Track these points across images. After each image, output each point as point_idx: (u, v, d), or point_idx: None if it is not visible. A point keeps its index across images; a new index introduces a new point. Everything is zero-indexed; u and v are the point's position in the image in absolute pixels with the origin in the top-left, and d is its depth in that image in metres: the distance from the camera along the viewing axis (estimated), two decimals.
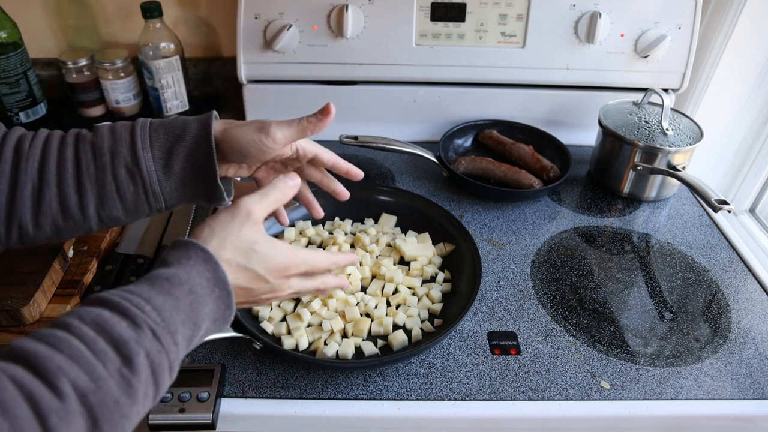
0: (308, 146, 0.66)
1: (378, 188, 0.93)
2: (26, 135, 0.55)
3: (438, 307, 0.76)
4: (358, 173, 0.69)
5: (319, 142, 1.15)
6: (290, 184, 0.57)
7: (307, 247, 0.86)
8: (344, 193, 0.71)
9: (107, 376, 0.38)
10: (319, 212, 0.72)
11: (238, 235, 0.51)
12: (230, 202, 0.60)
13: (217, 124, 0.57)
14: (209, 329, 0.48)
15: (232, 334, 0.67)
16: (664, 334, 0.76)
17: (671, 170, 0.96)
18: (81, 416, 0.36)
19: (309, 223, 0.89)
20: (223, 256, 0.49)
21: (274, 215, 0.70)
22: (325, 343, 0.70)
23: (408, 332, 0.73)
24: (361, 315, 0.74)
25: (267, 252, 0.52)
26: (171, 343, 0.43)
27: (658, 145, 0.96)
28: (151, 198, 0.55)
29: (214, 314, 0.48)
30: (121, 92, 1.12)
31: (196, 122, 0.56)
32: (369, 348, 0.70)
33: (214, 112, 0.57)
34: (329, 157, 0.67)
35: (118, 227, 0.84)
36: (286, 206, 0.86)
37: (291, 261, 0.54)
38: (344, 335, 0.73)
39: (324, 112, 0.58)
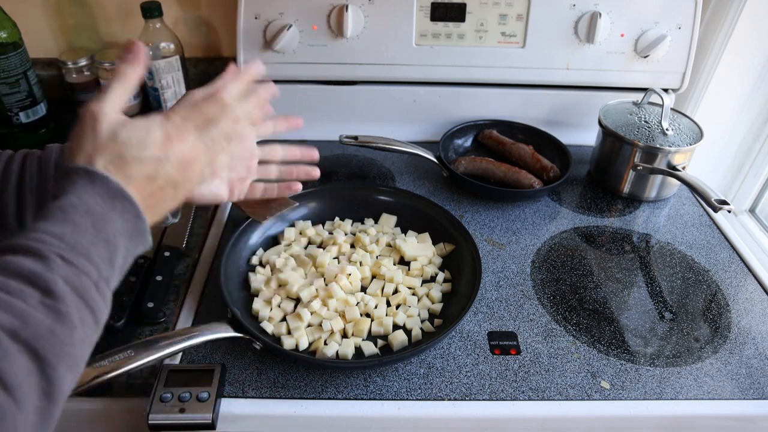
0: (274, 152, 0.65)
1: (378, 188, 0.93)
2: None
3: (438, 307, 0.76)
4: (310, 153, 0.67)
5: (320, 141, 1.16)
6: (131, 69, 0.52)
7: (306, 247, 0.86)
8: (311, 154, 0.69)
9: (31, 310, 0.37)
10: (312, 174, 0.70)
11: (92, 136, 0.47)
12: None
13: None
14: (129, 246, 0.46)
15: (232, 334, 0.67)
16: (664, 334, 0.76)
17: (671, 170, 0.96)
18: (20, 353, 0.35)
19: (309, 223, 0.89)
20: (96, 163, 0.46)
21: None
22: (325, 343, 0.70)
23: (408, 332, 0.73)
24: (361, 315, 0.74)
25: (135, 133, 0.48)
26: (86, 263, 0.41)
27: (658, 145, 0.96)
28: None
29: (126, 228, 0.45)
30: None
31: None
32: (369, 348, 0.70)
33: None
34: (304, 153, 0.67)
35: None
36: (285, 207, 0.86)
37: (166, 126, 0.50)
38: (344, 335, 0.73)
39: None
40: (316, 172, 0.70)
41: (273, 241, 0.87)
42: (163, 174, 0.48)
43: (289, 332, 0.72)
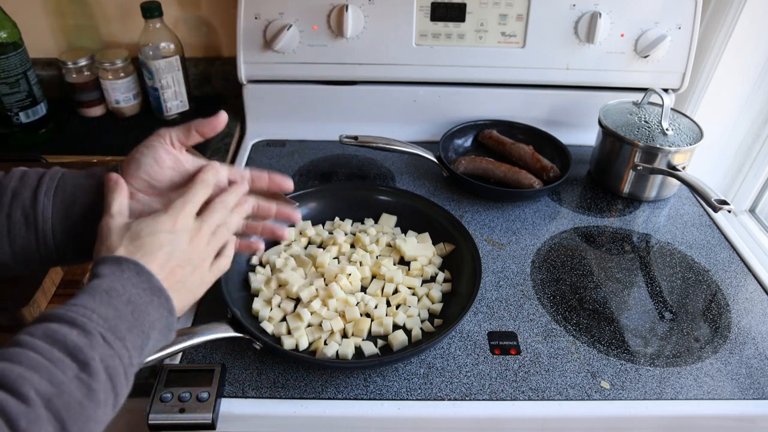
0: (212, 170, 0.60)
1: (378, 188, 0.93)
2: None
3: (438, 307, 0.76)
4: (282, 182, 0.64)
5: (320, 141, 1.16)
6: (117, 186, 0.54)
7: (306, 247, 0.86)
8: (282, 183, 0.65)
9: (67, 381, 0.39)
10: (283, 235, 0.66)
11: (113, 234, 0.51)
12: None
13: (125, 161, 0.57)
14: (157, 339, 0.49)
15: (232, 334, 0.67)
16: (664, 334, 0.76)
17: (671, 170, 0.96)
18: (48, 420, 0.37)
19: (309, 223, 0.89)
20: (120, 251, 0.50)
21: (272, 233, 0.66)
22: (325, 343, 0.70)
23: (408, 332, 0.73)
24: (361, 315, 0.74)
25: (139, 221, 0.52)
26: (122, 347, 0.44)
27: (658, 145, 0.96)
28: (41, 246, 0.54)
29: (160, 323, 0.48)
30: (121, 92, 1.12)
31: (102, 170, 0.57)
32: (369, 348, 0.70)
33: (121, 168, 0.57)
34: (240, 175, 0.62)
35: None
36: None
37: (170, 209, 0.53)
38: (344, 335, 0.73)
39: (209, 121, 0.58)
40: (281, 232, 0.65)
41: (273, 241, 0.87)
42: (178, 249, 0.52)
43: (289, 332, 0.72)
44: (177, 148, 0.58)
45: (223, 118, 0.60)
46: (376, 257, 0.83)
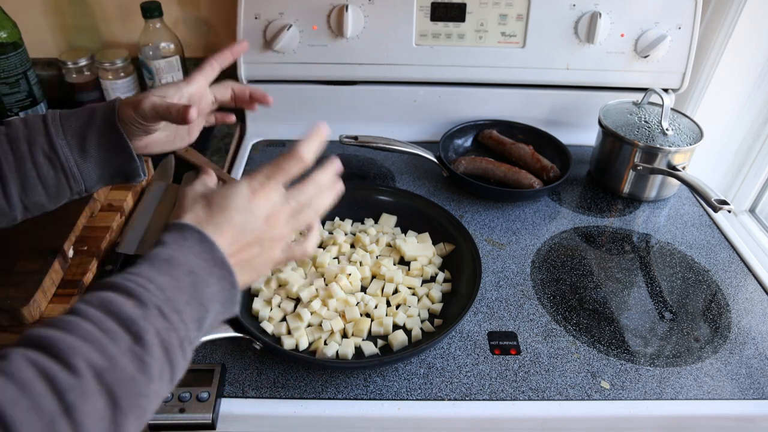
0: (205, 98, 0.67)
1: (378, 188, 0.93)
2: None
3: (438, 307, 0.76)
4: (262, 95, 0.70)
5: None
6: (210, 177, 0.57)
7: None
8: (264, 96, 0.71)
9: (120, 354, 0.38)
10: (267, 98, 0.71)
11: (185, 196, 0.52)
12: (144, 178, 0.64)
13: (123, 101, 0.60)
14: (219, 312, 0.48)
15: (232, 334, 0.67)
16: (664, 334, 0.76)
17: (671, 170, 0.96)
18: (98, 394, 0.36)
19: None
20: (189, 217, 0.49)
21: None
22: (325, 343, 0.70)
23: (408, 332, 0.73)
24: (361, 315, 0.74)
25: (220, 190, 0.52)
26: (178, 320, 0.43)
27: (658, 145, 0.96)
28: (71, 181, 0.59)
29: (221, 295, 0.47)
30: (121, 92, 1.12)
31: (104, 105, 0.60)
32: (369, 348, 0.70)
33: (120, 98, 0.61)
34: (226, 94, 0.70)
35: (118, 226, 0.84)
36: None
37: (251, 182, 0.52)
38: (344, 335, 0.73)
39: (183, 116, 0.57)
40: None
41: None
42: (249, 228, 0.50)
43: (289, 332, 0.72)
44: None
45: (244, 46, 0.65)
46: (376, 257, 0.83)
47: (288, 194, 0.53)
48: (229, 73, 1.19)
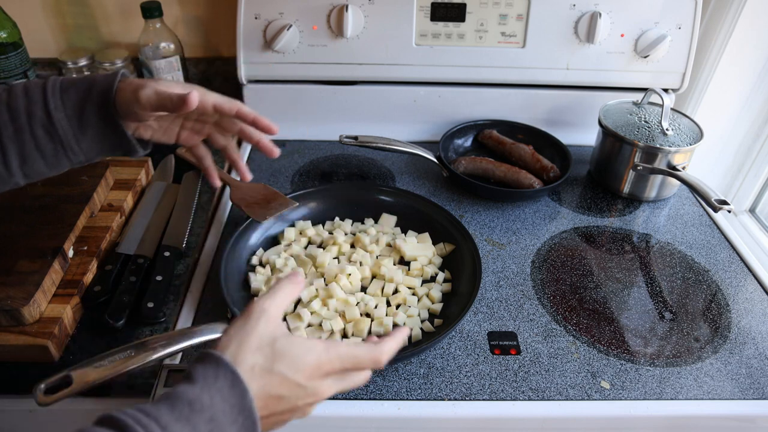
0: (206, 97, 0.65)
1: (378, 188, 0.93)
2: None
3: (438, 307, 0.76)
4: (267, 125, 0.70)
5: (320, 142, 1.16)
6: (298, 280, 0.55)
7: (306, 247, 0.85)
8: (271, 150, 0.73)
9: None
10: (246, 175, 0.76)
11: (256, 334, 0.47)
12: (145, 153, 0.65)
13: (122, 83, 0.61)
14: None
15: None
16: (664, 334, 0.76)
17: (671, 170, 0.96)
18: None
19: (309, 223, 0.89)
20: (245, 361, 0.45)
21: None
22: None
23: None
24: (361, 315, 0.74)
25: (291, 349, 0.47)
26: None
27: (658, 145, 0.96)
28: (69, 153, 0.60)
29: None
30: None
31: (103, 80, 0.61)
32: None
33: (123, 72, 0.62)
34: (230, 106, 0.67)
35: (118, 226, 0.84)
36: (285, 207, 0.86)
37: (322, 357, 0.48)
38: (344, 335, 0.73)
39: (183, 100, 0.58)
40: (272, 153, 0.72)
41: (273, 241, 0.87)
42: (293, 399, 0.47)
43: (289, 332, 0.71)
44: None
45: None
46: (376, 257, 0.83)
47: (332, 384, 0.50)
48: (230, 73, 1.19)
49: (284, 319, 0.73)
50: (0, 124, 0.58)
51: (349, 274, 0.78)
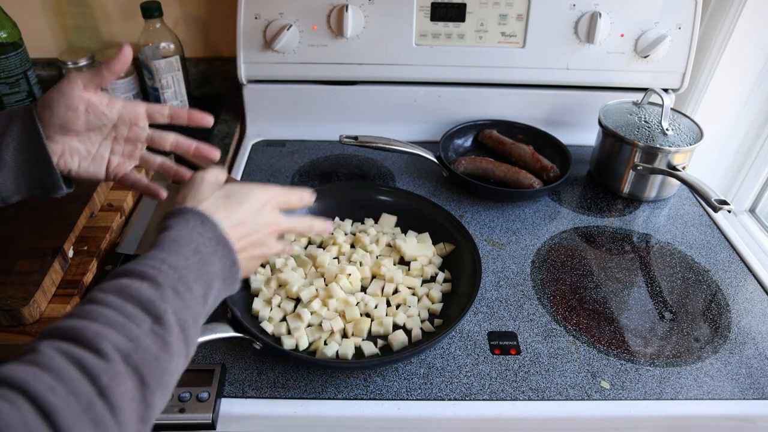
0: (133, 104, 0.61)
1: (378, 188, 0.93)
2: None
3: (438, 307, 0.76)
4: (201, 117, 0.64)
5: (320, 142, 1.16)
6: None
7: (306, 248, 0.86)
8: (209, 151, 0.65)
9: (143, 336, 0.40)
10: (161, 195, 0.68)
11: (204, 185, 0.55)
12: (67, 191, 0.61)
13: (41, 100, 0.58)
14: (220, 289, 0.50)
15: (232, 334, 0.67)
16: (664, 334, 0.76)
17: (671, 170, 0.96)
18: (128, 375, 0.38)
19: None
20: (203, 202, 0.53)
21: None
22: (325, 343, 0.70)
23: (408, 332, 0.73)
24: (361, 315, 0.74)
25: (236, 188, 0.56)
26: (191, 298, 0.45)
27: (658, 145, 0.96)
28: None
29: (222, 273, 0.50)
30: (121, 92, 1.12)
31: (21, 110, 0.57)
32: (369, 348, 0.70)
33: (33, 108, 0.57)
34: (161, 107, 0.62)
35: (118, 226, 0.84)
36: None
37: (265, 189, 0.58)
38: (344, 335, 0.73)
39: (119, 57, 0.57)
40: (211, 153, 0.65)
41: None
42: (254, 226, 0.55)
43: (289, 332, 0.72)
44: (91, 90, 0.58)
45: (127, 51, 0.58)
46: (376, 257, 0.83)
47: (280, 219, 0.59)
48: (230, 73, 1.19)
49: (284, 319, 0.73)
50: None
51: (349, 274, 0.78)
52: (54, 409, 0.34)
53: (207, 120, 0.63)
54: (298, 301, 0.75)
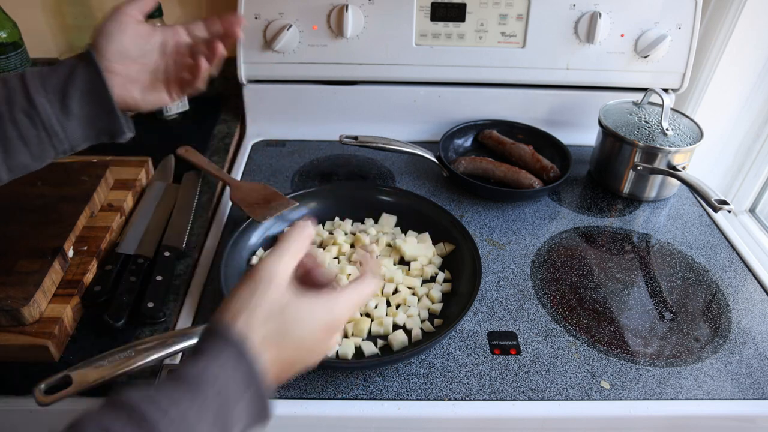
0: (169, 29, 0.65)
1: (378, 188, 0.93)
2: None
3: (438, 307, 0.76)
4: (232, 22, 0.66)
5: (320, 142, 1.16)
6: (305, 233, 0.53)
7: None
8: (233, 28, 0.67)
9: None
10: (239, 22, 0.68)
11: (266, 303, 0.46)
12: (131, 135, 0.63)
13: (95, 39, 0.60)
14: (247, 426, 0.43)
15: None
16: (664, 334, 0.76)
17: (671, 170, 0.96)
18: None
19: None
20: (255, 332, 0.44)
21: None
22: None
23: (408, 332, 0.73)
24: (361, 315, 0.74)
25: (302, 316, 0.47)
26: None
27: (658, 145, 0.96)
28: (54, 140, 0.58)
29: (249, 413, 0.43)
30: None
31: (80, 59, 0.59)
32: (369, 348, 0.70)
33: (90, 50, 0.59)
34: (194, 23, 0.67)
35: (118, 226, 0.84)
36: (285, 207, 0.86)
37: (333, 317, 0.49)
38: (344, 335, 0.73)
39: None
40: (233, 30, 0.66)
41: (273, 241, 0.87)
42: (305, 361, 0.48)
43: None
44: (138, 16, 0.61)
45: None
46: (376, 257, 0.83)
47: (334, 340, 0.52)
48: (230, 73, 1.19)
49: None
50: None
51: (349, 274, 0.78)
52: None
53: (239, 20, 0.66)
54: None
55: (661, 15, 1.05)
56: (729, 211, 0.85)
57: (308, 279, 0.54)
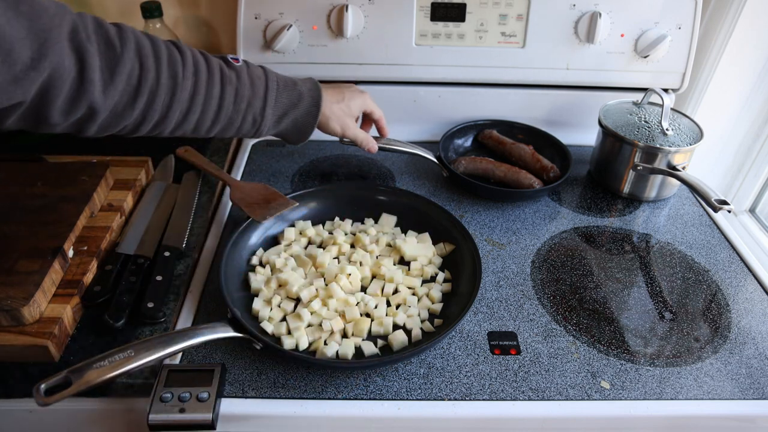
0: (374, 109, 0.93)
1: (378, 188, 0.93)
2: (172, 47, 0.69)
3: (438, 307, 0.76)
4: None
5: (320, 142, 1.16)
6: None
7: (306, 248, 0.86)
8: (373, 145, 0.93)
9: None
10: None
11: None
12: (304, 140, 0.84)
13: (324, 105, 0.81)
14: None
15: (232, 334, 0.67)
16: (664, 334, 0.76)
17: (671, 170, 0.96)
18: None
19: (309, 223, 0.89)
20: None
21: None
22: (325, 343, 0.70)
23: (408, 332, 0.73)
24: (361, 315, 0.74)
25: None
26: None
27: (658, 145, 0.96)
28: (257, 135, 0.77)
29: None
30: None
31: (309, 98, 0.78)
32: (369, 348, 0.70)
33: (323, 96, 0.80)
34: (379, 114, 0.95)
35: (118, 226, 0.84)
36: (285, 207, 0.86)
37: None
38: (344, 335, 0.73)
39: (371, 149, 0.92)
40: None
41: (273, 241, 0.87)
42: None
43: (289, 332, 0.72)
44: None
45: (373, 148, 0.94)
46: (376, 257, 0.83)
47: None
48: None
49: (284, 319, 0.73)
50: (225, 104, 0.70)
51: (349, 274, 0.78)
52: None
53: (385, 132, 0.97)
54: (298, 301, 0.76)
55: (661, 15, 1.05)
56: (729, 211, 0.85)
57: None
